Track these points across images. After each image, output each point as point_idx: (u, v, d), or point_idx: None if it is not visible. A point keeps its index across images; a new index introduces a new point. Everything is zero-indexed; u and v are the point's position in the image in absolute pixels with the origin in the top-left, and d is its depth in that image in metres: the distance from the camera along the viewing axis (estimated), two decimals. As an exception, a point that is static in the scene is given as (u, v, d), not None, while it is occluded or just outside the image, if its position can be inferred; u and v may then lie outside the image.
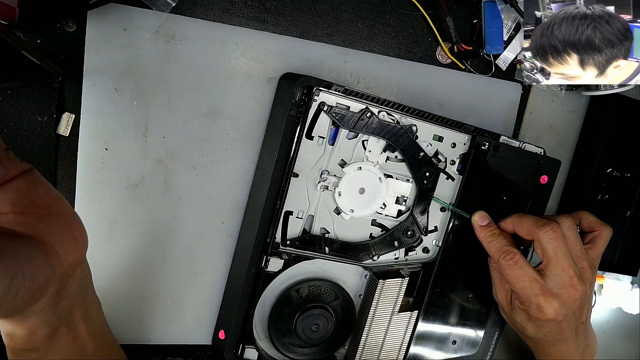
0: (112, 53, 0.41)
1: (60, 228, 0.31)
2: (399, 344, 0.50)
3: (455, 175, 0.49)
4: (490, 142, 0.49)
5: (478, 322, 0.54)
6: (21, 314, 0.31)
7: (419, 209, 0.48)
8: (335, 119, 0.43)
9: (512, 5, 0.48)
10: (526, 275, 0.45)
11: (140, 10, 0.41)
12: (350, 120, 0.43)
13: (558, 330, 0.47)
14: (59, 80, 0.40)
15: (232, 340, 0.45)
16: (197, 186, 0.45)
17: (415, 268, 0.50)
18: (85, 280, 0.35)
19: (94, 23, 0.40)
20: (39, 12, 0.39)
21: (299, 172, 0.43)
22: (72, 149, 0.42)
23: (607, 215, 0.54)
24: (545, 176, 0.52)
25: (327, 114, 0.42)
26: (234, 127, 0.45)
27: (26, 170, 0.30)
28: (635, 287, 0.65)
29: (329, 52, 0.47)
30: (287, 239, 0.44)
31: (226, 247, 0.47)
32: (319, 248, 0.45)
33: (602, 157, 0.57)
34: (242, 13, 0.44)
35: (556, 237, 0.45)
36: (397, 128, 0.45)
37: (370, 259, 0.48)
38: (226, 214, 0.47)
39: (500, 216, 0.49)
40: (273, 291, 0.46)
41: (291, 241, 0.44)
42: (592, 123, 0.58)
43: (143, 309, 0.46)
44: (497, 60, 0.52)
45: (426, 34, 0.50)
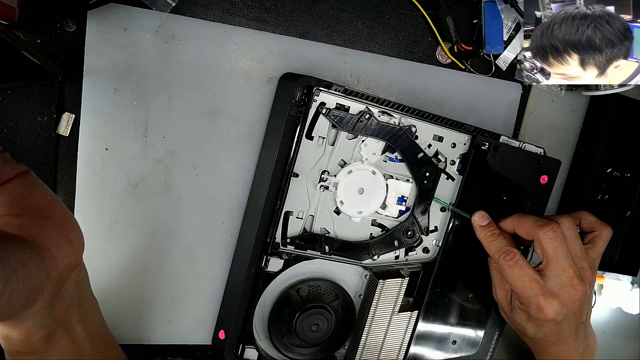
0: (112, 53, 0.41)
1: (56, 231, 0.31)
2: (399, 344, 0.50)
3: (455, 175, 0.49)
4: (490, 142, 0.49)
5: (478, 322, 0.54)
6: (16, 317, 0.30)
7: (419, 209, 0.48)
8: (334, 122, 0.43)
9: (512, 5, 0.48)
10: (526, 276, 0.45)
11: (140, 10, 0.41)
12: (349, 123, 0.43)
13: (558, 330, 0.47)
14: (59, 80, 0.40)
15: (232, 340, 0.45)
16: (197, 186, 0.45)
17: (415, 268, 0.50)
18: (82, 282, 0.35)
19: (94, 23, 0.40)
20: (39, 12, 0.39)
21: (299, 172, 0.43)
22: (72, 149, 0.42)
23: (607, 215, 0.54)
24: (545, 176, 0.52)
25: (326, 116, 0.42)
26: (234, 127, 0.45)
27: (22, 172, 0.30)
28: (635, 287, 0.65)
29: (329, 52, 0.47)
30: (287, 237, 0.44)
31: (226, 247, 0.47)
32: (319, 247, 0.45)
33: (602, 157, 0.57)
34: (242, 13, 0.44)
35: (556, 237, 0.45)
36: (396, 129, 0.45)
37: (370, 258, 0.48)
38: (226, 214, 0.47)
39: (500, 216, 0.49)
40: (273, 291, 0.46)
41: (292, 240, 0.44)
42: (592, 123, 0.58)
43: (143, 309, 0.46)
44: (497, 60, 0.52)
45: (426, 34, 0.50)
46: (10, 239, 0.28)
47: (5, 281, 0.26)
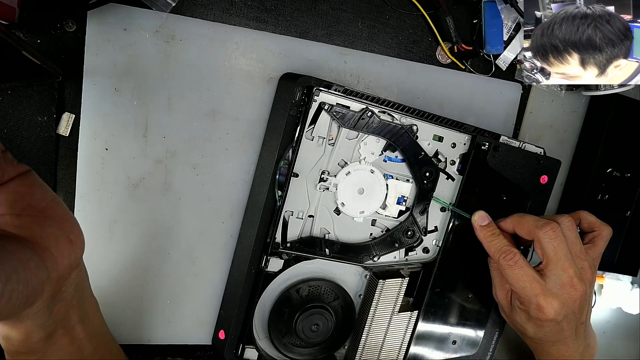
0: (112, 53, 0.41)
1: (57, 231, 0.31)
2: (399, 344, 0.50)
3: (455, 175, 0.49)
4: (490, 142, 0.49)
5: (478, 322, 0.54)
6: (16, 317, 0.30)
7: (418, 209, 0.48)
8: (335, 118, 0.43)
9: (512, 5, 0.48)
10: (526, 275, 0.45)
11: (140, 10, 0.41)
12: (351, 120, 0.43)
13: (558, 330, 0.47)
14: (59, 80, 0.40)
15: (232, 340, 0.45)
16: (197, 186, 0.45)
17: (415, 268, 0.50)
18: (82, 283, 0.35)
19: (94, 23, 0.40)
20: (39, 12, 0.39)
21: (299, 172, 0.43)
22: (72, 149, 0.42)
23: (607, 215, 0.54)
24: (545, 176, 0.52)
25: (328, 112, 0.42)
26: (234, 127, 0.45)
27: (24, 172, 0.30)
28: (635, 287, 0.65)
29: (329, 52, 0.47)
30: (287, 241, 0.44)
31: (226, 247, 0.47)
32: (320, 250, 0.45)
33: (602, 157, 0.57)
34: (242, 13, 0.44)
35: (556, 237, 0.45)
36: (397, 128, 0.45)
37: (371, 259, 0.48)
38: (226, 214, 0.47)
39: (500, 216, 0.49)
40: (273, 291, 0.46)
41: (291, 243, 0.44)
42: (592, 123, 0.58)
43: (143, 309, 0.46)
44: (497, 60, 0.52)
45: (426, 34, 0.50)
46: (11, 239, 0.28)
47: (6, 281, 0.26)
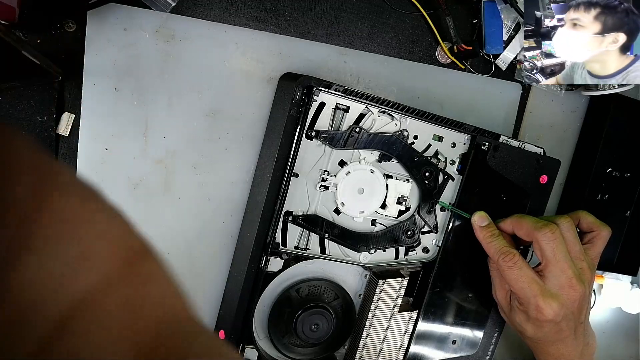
0: (112, 53, 0.41)
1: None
2: (398, 343, 0.50)
3: (455, 175, 0.49)
4: (490, 142, 0.49)
5: (478, 322, 0.54)
6: None
7: (424, 209, 0.48)
8: (325, 143, 0.43)
9: (512, 5, 0.48)
10: (525, 276, 0.45)
11: (140, 10, 0.41)
12: (340, 140, 0.43)
13: (557, 330, 0.47)
14: (59, 80, 0.40)
15: (232, 340, 0.45)
16: (197, 186, 0.45)
17: (415, 268, 0.50)
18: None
19: (94, 23, 0.40)
20: (39, 12, 0.39)
21: (299, 172, 0.43)
22: (72, 149, 0.42)
23: (607, 215, 0.54)
24: (545, 176, 0.52)
25: (317, 138, 0.43)
26: (234, 127, 0.45)
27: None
28: (635, 287, 0.65)
29: (329, 52, 0.47)
30: (292, 214, 0.44)
31: (226, 247, 0.47)
32: (320, 229, 0.45)
33: (602, 157, 0.57)
34: (242, 13, 0.44)
35: (555, 239, 0.45)
36: (387, 136, 0.45)
37: (367, 251, 0.47)
38: (226, 214, 0.47)
39: (500, 216, 0.49)
40: (273, 291, 0.46)
41: (294, 217, 0.44)
42: (592, 123, 0.58)
43: (143, 308, 0.46)
44: (497, 60, 0.52)
45: (426, 34, 0.50)
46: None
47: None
